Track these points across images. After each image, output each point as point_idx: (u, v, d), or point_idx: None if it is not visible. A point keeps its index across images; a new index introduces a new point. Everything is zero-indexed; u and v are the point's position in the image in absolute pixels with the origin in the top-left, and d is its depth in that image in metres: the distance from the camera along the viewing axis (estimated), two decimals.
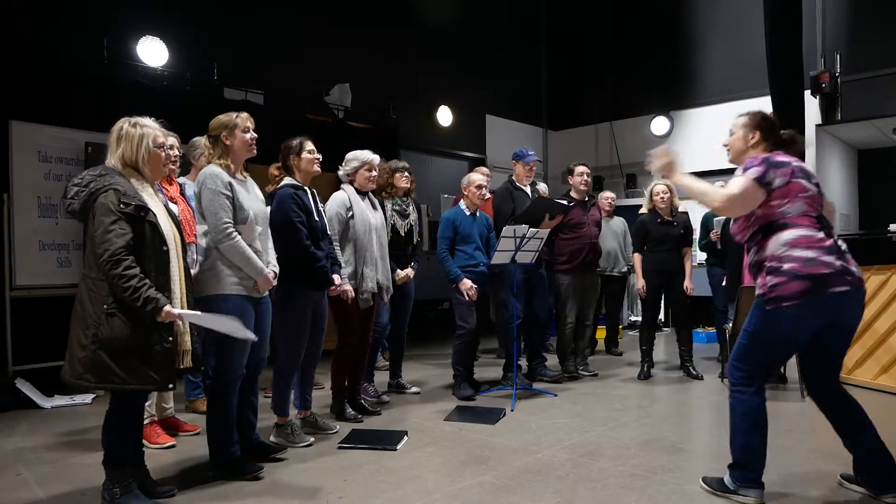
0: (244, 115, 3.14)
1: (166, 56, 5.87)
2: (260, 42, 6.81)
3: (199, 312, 2.66)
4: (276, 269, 3.23)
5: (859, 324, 2.72)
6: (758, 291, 2.65)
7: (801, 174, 2.66)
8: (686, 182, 2.79)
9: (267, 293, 3.20)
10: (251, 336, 2.75)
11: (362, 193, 4.11)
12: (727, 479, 2.75)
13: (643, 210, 5.70)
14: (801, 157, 2.86)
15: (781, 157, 2.69)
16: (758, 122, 2.81)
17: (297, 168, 3.61)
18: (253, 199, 3.17)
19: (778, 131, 2.82)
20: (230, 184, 3.02)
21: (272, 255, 3.27)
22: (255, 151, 3.18)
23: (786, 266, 2.52)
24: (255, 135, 3.16)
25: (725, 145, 2.91)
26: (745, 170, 2.65)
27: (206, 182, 3.01)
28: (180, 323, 2.67)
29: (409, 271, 4.66)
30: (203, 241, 3.06)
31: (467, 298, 4.58)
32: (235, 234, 2.99)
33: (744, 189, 2.59)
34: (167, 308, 2.50)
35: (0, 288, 4.79)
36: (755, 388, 2.70)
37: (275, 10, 7.05)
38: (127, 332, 2.50)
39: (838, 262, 2.52)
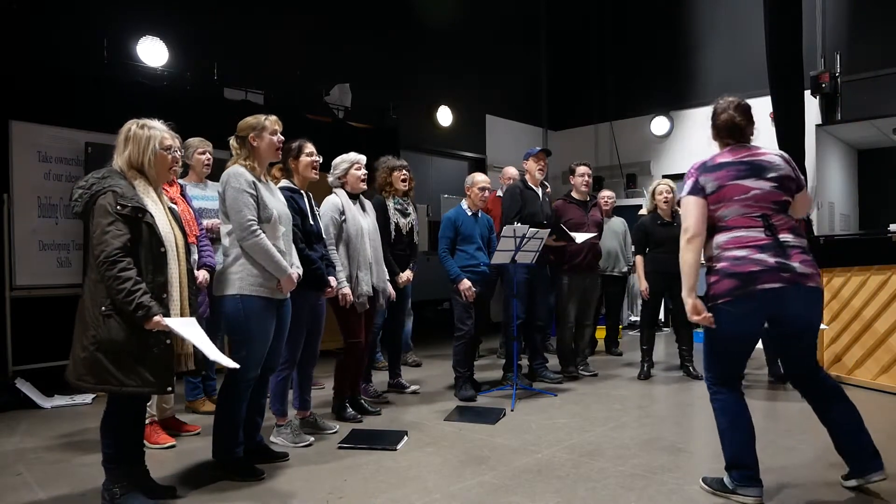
0: (273, 118, 3.15)
1: (166, 56, 5.86)
2: (260, 42, 6.80)
3: (192, 321, 2.62)
4: (300, 271, 3.24)
5: (812, 320, 2.72)
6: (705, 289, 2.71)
7: (747, 173, 2.66)
8: (690, 287, 2.73)
9: (288, 295, 3.20)
10: (233, 364, 2.68)
11: (353, 197, 4.11)
12: (726, 479, 2.76)
13: (644, 211, 5.71)
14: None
15: (723, 159, 2.72)
16: (711, 117, 2.88)
17: (294, 171, 3.61)
18: (276, 200, 3.18)
19: (720, 122, 2.82)
20: (254, 183, 3.03)
21: (295, 257, 3.28)
22: (280, 155, 3.20)
23: (718, 266, 2.65)
24: (283, 138, 3.17)
25: None
26: (683, 186, 2.80)
27: (229, 181, 3.02)
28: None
29: (410, 273, 4.66)
30: (227, 241, 3.06)
31: (465, 299, 4.59)
32: (259, 231, 3.00)
33: (687, 212, 2.71)
34: (157, 318, 2.47)
35: (0, 288, 4.79)
36: (729, 388, 2.76)
37: (275, 10, 7.05)
38: (123, 335, 2.49)
39: (772, 260, 2.57)
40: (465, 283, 4.57)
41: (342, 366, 4.06)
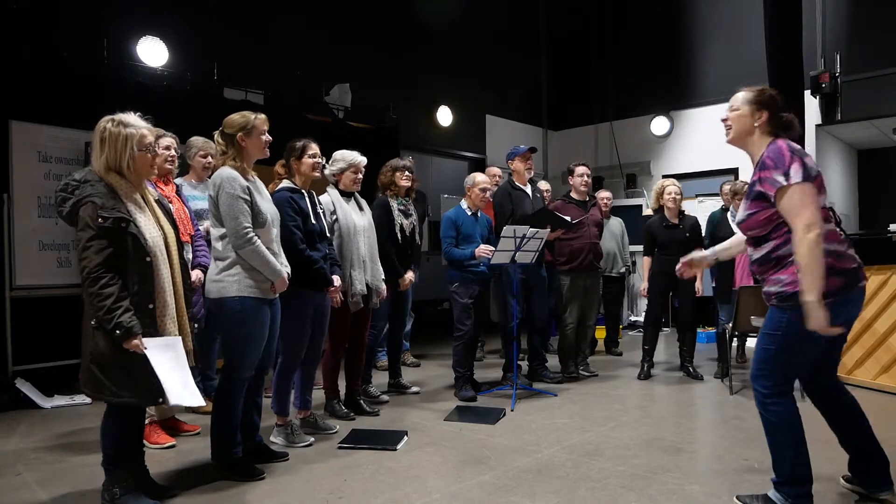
0: (262, 116, 3.10)
1: (166, 56, 5.86)
2: (260, 42, 6.80)
3: (176, 341, 2.60)
4: (289, 270, 3.23)
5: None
6: (778, 289, 2.44)
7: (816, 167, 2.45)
8: (809, 286, 2.34)
9: (277, 295, 3.20)
10: (188, 403, 2.64)
11: (348, 195, 4.10)
12: (775, 495, 2.54)
13: (649, 210, 5.70)
14: (801, 143, 2.71)
15: (795, 146, 2.46)
16: (767, 99, 2.55)
17: (297, 171, 3.60)
18: (266, 201, 3.17)
19: (781, 113, 2.56)
20: (248, 188, 3.02)
21: (283, 256, 3.28)
22: (268, 153, 3.16)
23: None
24: (270, 137, 3.15)
25: (725, 120, 2.62)
26: (786, 172, 2.35)
27: (223, 186, 2.97)
28: (182, 324, 2.69)
29: (411, 275, 4.64)
30: (219, 245, 3.04)
31: (488, 258, 4.49)
32: (255, 238, 2.99)
33: (805, 203, 2.32)
34: (135, 341, 2.45)
35: (0, 288, 4.79)
36: (790, 397, 2.52)
37: (275, 11, 7.04)
38: (110, 348, 2.47)
39: (855, 256, 2.46)
40: (482, 248, 4.54)
41: (326, 368, 4.09)
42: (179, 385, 2.56)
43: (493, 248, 4.44)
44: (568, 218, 4.95)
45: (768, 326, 2.53)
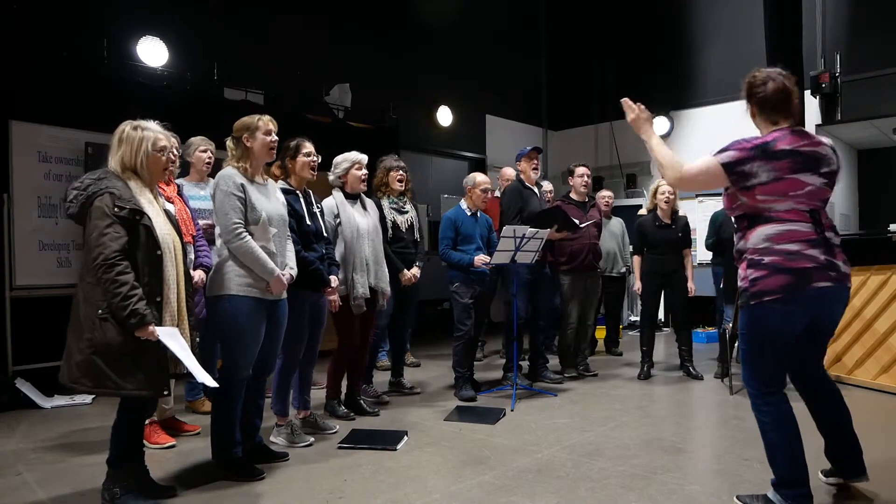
0: (266, 117, 3.14)
1: (166, 56, 5.86)
2: (260, 42, 6.81)
3: (175, 331, 2.62)
4: (294, 272, 3.23)
5: (838, 321, 2.64)
6: (739, 283, 2.55)
7: (804, 165, 2.40)
8: (654, 144, 2.73)
9: (284, 296, 3.20)
10: (209, 382, 2.66)
11: (353, 197, 4.10)
12: (774, 496, 2.51)
13: (644, 210, 5.71)
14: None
15: (784, 145, 2.42)
16: (746, 92, 2.62)
17: (291, 170, 3.60)
18: (271, 201, 3.18)
19: (767, 92, 2.54)
20: (243, 185, 3.04)
21: (290, 258, 3.27)
22: (274, 155, 3.20)
23: (767, 259, 2.41)
24: (276, 138, 3.17)
25: None
26: (725, 148, 2.47)
27: (219, 183, 3.05)
28: (183, 327, 2.71)
29: (416, 271, 4.62)
30: (219, 242, 3.08)
31: (485, 267, 4.59)
32: (245, 234, 3.00)
33: (702, 171, 2.50)
34: (151, 328, 2.47)
35: (0, 288, 4.79)
36: (779, 395, 2.50)
37: (275, 11, 7.05)
38: (119, 339, 2.48)
39: (823, 257, 2.39)
40: (481, 257, 4.60)
41: (334, 368, 4.09)
42: (192, 363, 2.59)
43: (490, 259, 4.54)
44: (577, 221, 4.95)
45: (739, 326, 2.63)
